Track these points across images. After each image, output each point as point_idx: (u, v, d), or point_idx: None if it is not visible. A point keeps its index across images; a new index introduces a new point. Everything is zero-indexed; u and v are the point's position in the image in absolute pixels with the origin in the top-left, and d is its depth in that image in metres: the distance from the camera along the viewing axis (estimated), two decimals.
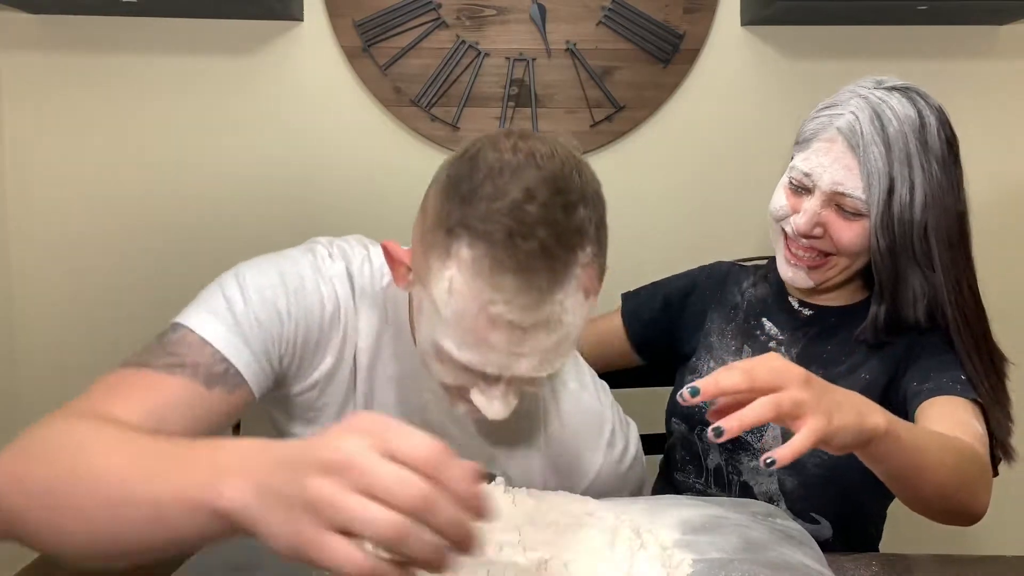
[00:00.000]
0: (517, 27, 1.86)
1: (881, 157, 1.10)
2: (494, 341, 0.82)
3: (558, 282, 0.82)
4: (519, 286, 0.80)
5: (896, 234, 1.11)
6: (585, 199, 0.86)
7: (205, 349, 0.90)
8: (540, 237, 0.80)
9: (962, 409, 1.08)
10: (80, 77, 1.87)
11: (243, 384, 0.92)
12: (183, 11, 1.83)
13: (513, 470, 1.03)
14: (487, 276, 0.80)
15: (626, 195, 1.92)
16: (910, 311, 1.16)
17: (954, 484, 0.96)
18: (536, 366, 0.85)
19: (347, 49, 1.86)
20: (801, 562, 0.88)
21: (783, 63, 1.88)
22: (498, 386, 0.87)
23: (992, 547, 1.90)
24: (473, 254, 0.81)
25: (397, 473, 0.57)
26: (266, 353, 0.93)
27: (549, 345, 0.84)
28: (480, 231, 0.80)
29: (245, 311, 0.92)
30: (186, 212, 1.89)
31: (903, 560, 1.10)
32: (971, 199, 1.81)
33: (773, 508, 1.03)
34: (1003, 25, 1.88)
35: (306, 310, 0.96)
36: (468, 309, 0.82)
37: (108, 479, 0.69)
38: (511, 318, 0.81)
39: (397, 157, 1.90)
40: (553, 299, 0.82)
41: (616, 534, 0.86)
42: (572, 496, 0.92)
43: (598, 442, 1.05)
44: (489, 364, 0.84)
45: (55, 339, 1.92)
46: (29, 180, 1.89)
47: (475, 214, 0.81)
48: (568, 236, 0.82)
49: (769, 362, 0.82)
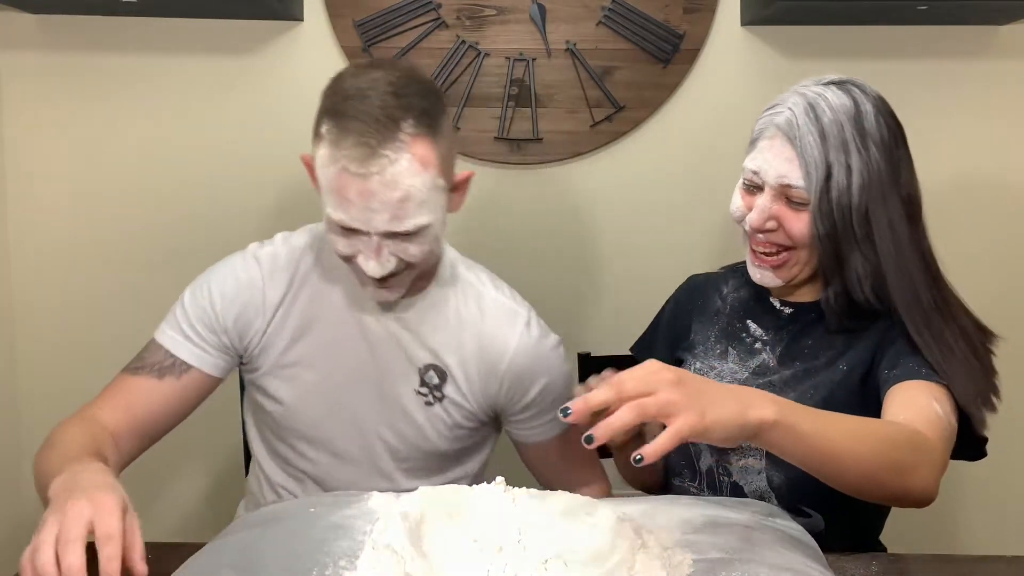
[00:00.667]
0: (517, 27, 1.86)
1: (816, 146, 1.14)
2: (350, 195, 1.11)
3: (385, 141, 1.10)
4: (354, 142, 1.10)
5: (836, 218, 1.15)
6: (415, 92, 1.14)
7: (159, 350, 1.27)
8: (369, 109, 1.10)
9: (924, 392, 1.10)
10: (80, 77, 1.87)
11: (190, 369, 1.27)
12: (183, 11, 1.83)
13: (447, 355, 1.28)
14: (336, 141, 1.11)
15: (626, 195, 1.92)
16: (858, 292, 1.19)
17: (876, 470, 0.97)
18: (389, 220, 1.12)
19: (347, 49, 1.86)
20: (801, 562, 0.88)
21: (783, 63, 1.88)
22: (372, 245, 1.14)
23: (992, 547, 1.90)
24: (327, 127, 1.13)
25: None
26: (210, 341, 1.27)
27: (394, 200, 1.11)
28: (332, 111, 1.13)
29: (184, 313, 1.28)
30: (186, 211, 1.89)
31: (903, 560, 1.11)
32: (972, 199, 1.82)
33: (773, 508, 1.04)
34: (1003, 25, 1.88)
35: (230, 298, 1.27)
36: (330, 171, 1.12)
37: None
38: (353, 169, 1.10)
39: None
40: (383, 154, 1.10)
41: (616, 534, 0.86)
42: (572, 496, 0.92)
43: (514, 325, 1.29)
44: (353, 219, 1.13)
45: (55, 338, 1.92)
46: (29, 180, 1.89)
47: (330, 104, 1.14)
48: (393, 109, 1.11)
49: (639, 371, 0.86)
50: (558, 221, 1.93)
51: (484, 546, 0.85)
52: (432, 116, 1.14)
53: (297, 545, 0.87)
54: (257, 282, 1.29)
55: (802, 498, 1.20)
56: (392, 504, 0.94)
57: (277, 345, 1.29)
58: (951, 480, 1.14)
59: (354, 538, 0.88)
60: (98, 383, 1.91)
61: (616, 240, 1.93)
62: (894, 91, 1.89)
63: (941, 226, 1.93)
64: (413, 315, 1.28)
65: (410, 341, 1.28)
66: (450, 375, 1.29)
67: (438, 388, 1.29)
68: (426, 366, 1.28)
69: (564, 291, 1.94)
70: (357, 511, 0.94)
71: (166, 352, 1.26)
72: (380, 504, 0.96)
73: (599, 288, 1.91)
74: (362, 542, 0.87)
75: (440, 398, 1.29)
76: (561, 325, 1.91)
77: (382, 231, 1.13)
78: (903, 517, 1.13)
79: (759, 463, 1.23)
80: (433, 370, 1.28)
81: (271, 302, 1.29)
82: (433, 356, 1.29)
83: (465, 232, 1.93)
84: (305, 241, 1.32)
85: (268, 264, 1.30)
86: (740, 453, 1.24)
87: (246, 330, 1.29)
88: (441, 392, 1.29)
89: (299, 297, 1.29)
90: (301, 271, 1.30)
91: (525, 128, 1.88)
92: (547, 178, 1.92)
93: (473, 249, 1.93)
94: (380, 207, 1.11)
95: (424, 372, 1.28)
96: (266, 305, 1.28)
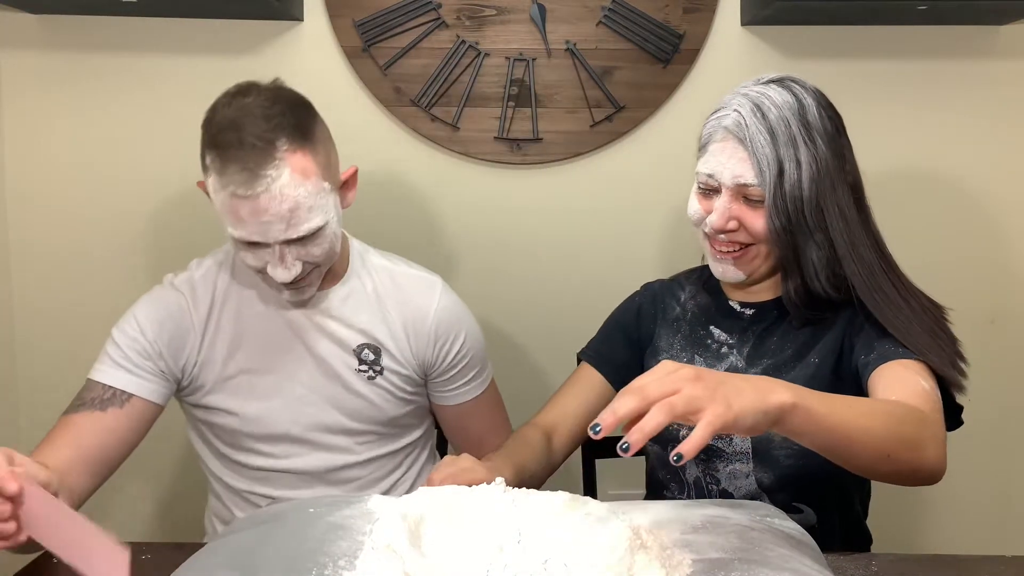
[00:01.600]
0: (517, 27, 1.86)
1: (767, 144, 1.18)
2: (243, 214, 1.20)
3: (263, 163, 1.19)
4: (236, 168, 1.19)
5: (790, 211, 1.19)
6: (283, 111, 1.23)
7: (96, 386, 1.29)
8: (244, 137, 1.19)
9: (906, 371, 1.13)
10: (80, 77, 1.87)
11: (131, 397, 1.29)
12: (183, 11, 1.83)
13: (376, 331, 1.38)
14: (220, 170, 1.20)
15: (626, 195, 1.92)
16: (816, 283, 1.22)
17: (891, 446, 0.98)
18: (285, 229, 1.22)
19: (347, 49, 1.86)
20: (801, 562, 0.88)
21: (783, 63, 1.87)
22: (275, 254, 1.24)
23: (992, 547, 1.91)
24: (211, 159, 1.22)
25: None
26: (145, 367, 1.31)
27: (284, 212, 1.21)
28: (212, 144, 1.22)
29: (116, 348, 1.31)
30: (186, 211, 1.89)
31: (903, 560, 1.11)
32: (972, 199, 1.82)
33: (773, 508, 1.04)
34: (1003, 25, 1.88)
35: (159, 323, 1.33)
36: (221, 195, 1.21)
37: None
38: (240, 192, 1.19)
39: (397, 157, 1.90)
40: (264, 175, 1.19)
41: (616, 534, 0.86)
42: (572, 496, 0.92)
43: (431, 289, 1.42)
44: (253, 234, 1.22)
45: (55, 338, 1.92)
46: (29, 179, 1.89)
47: (209, 137, 1.23)
48: (265, 132, 1.20)
49: (658, 372, 0.87)
50: (558, 221, 1.93)
51: (484, 546, 0.85)
52: (304, 129, 1.24)
53: (297, 545, 0.87)
54: (182, 304, 1.36)
55: (794, 495, 1.22)
56: (392, 504, 0.94)
57: (215, 360, 1.35)
58: (952, 480, 1.14)
59: (353, 538, 0.88)
60: None
61: (616, 240, 1.93)
62: (894, 91, 1.91)
63: (942, 226, 1.94)
64: (336, 303, 1.38)
65: (338, 327, 1.37)
66: (383, 348, 1.39)
67: (376, 362, 1.38)
68: (360, 346, 1.38)
69: (563, 291, 1.94)
70: (356, 511, 0.94)
71: (104, 386, 1.29)
72: (379, 504, 0.96)
73: (599, 288, 1.91)
74: (361, 542, 0.87)
75: (380, 371, 1.39)
76: (560, 324, 1.92)
77: (281, 240, 1.23)
78: (903, 517, 1.13)
79: (747, 467, 1.24)
80: (367, 348, 1.38)
81: (199, 320, 1.36)
82: (363, 335, 1.38)
83: (465, 232, 1.93)
84: (217, 260, 1.41)
85: (187, 288, 1.37)
86: (727, 459, 1.25)
87: (180, 351, 1.34)
88: (380, 365, 1.39)
89: (225, 311, 1.37)
90: (220, 288, 1.38)
91: (525, 128, 1.88)
92: (547, 178, 1.92)
93: (473, 249, 1.94)
94: (273, 219, 1.21)
95: (359, 351, 1.38)
96: (195, 324, 1.35)
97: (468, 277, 1.88)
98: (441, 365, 1.42)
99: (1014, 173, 1.92)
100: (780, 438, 1.21)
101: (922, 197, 1.92)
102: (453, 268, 1.90)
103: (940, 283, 1.88)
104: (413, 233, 1.91)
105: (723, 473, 1.26)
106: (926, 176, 1.92)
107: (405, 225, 1.91)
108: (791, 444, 1.20)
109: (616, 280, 1.93)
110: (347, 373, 1.38)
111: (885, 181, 1.90)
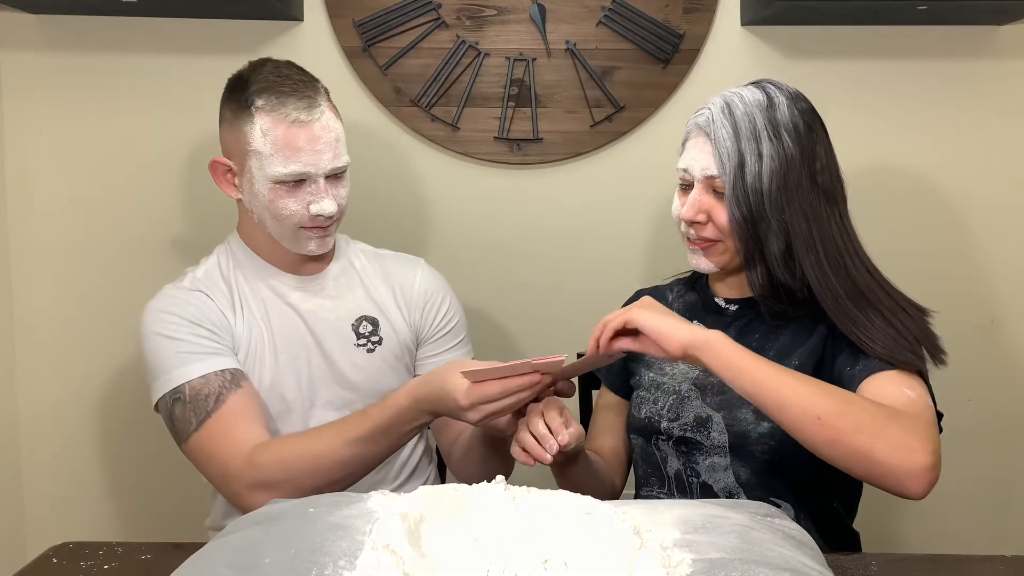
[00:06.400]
0: (517, 27, 1.86)
1: (729, 137, 1.24)
2: (301, 142, 1.32)
3: (316, 94, 1.36)
4: (296, 99, 1.34)
5: (751, 202, 1.23)
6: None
7: (200, 385, 1.30)
8: (291, 75, 1.36)
9: (890, 382, 1.16)
10: (80, 77, 1.87)
11: (240, 370, 1.35)
12: (183, 11, 1.83)
13: (368, 304, 1.47)
14: (276, 106, 1.33)
15: (626, 195, 1.92)
16: (779, 272, 1.25)
17: (821, 409, 1.06)
18: (332, 159, 1.35)
19: (347, 49, 1.86)
20: (801, 562, 0.88)
21: (783, 63, 1.87)
22: (320, 188, 1.35)
23: (992, 547, 1.90)
24: (264, 100, 1.33)
25: None
26: (219, 348, 1.35)
27: (332, 140, 1.36)
28: (261, 88, 1.34)
29: (184, 343, 1.32)
30: (186, 211, 1.89)
31: (903, 560, 1.11)
32: (971, 199, 1.82)
33: (773, 508, 1.03)
34: (1003, 25, 1.88)
35: (196, 307, 1.37)
36: (278, 132, 1.32)
37: None
38: (302, 118, 1.33)
39: (397, 157, 1.90)
40: (319, 104, 1.36)
41: (616, 534, 0.86)
42: (572, 495, 0.92)
43: (414, 263, 1.55)
44: (307, 164, 1.33)
45: (55, 338, 1.92)
46: (29, 180, 1.89)
47: (254, 86, 1.34)
48: (303, 75, 1.39)
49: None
50: (558, 221, 1.93)
51: (484, 546, 0.85)
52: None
53: (296, 545, 0.87)
54: (202, 297, 1.40)
55: (772, 490, 1.24)
56: (391, 504, 0.94)
57: (241, 338, 1.41)
58: (950, 480, 1.14)
59: (353, 538, 0.88)
60: (97, 382, 1.93)
61: (615, 240, 1.93)
62: (894, 91, 1.91)
63: (941, 226, 1.94)
64: (329, 285, 1.47)
65: (334, 308, 1.45)
66: (379, 318, 1.47)
67: (374, 333, 1.46)
68: (358, 319, 1.46)
69: (564, 291, 1.94)
70: (356, 511, 0.94)
71: (216, 374, 1.32)
72: (379, 504, 0.96)
73: (598, 288, 1.91)
74: (361, 542, 0.87)
75: (378, 341, 1.46)
76: (560, 324, 1.92)
77: (327, 169, 1.35)
78: (903, 517, 1.13)
79: (724, 460, 1.26)
80: (365, 320, 1.46)
81: (224, 305, 1.41)
82: (360, 309, 1.47)
83: (465, 232, 1.93)
84: (214, 259, 1.46)
85: (203, 283, 1.42)
86: (705, 452, 1.28)
87: (224, 331, 1.39)
88: (378, 335, 1.46)
89: (235, 295, 1.42)
90: (227, 277, 1.44)
91: (525, 128, 1.88)
92: (547, 178, 1.92)
93: (472, 249, 1.94)
94: (324, 147, 1.34)
95: (358, 325, 1.46)
96: (223, 310, 1.40)
97: (468, 277, 1.88)
98: (431, 326, 1.52)
99: (1014, 173, 1.92)
100: (756, 434, 1.23)
101: (921, 197, 1.92)
102: (453, 268, 1.90)
103: (939, 283, 1.89)
104: (412, 233, 1.91)
105: (702, 466, 1.28)
106: (925, 176, 1.92)
107: (404, 225, 1.91)
108: (768, 440, 1.23)
109: (615, 279, 1.93)
110: (348, 349, 1.44)
111: (884, 181, 1.90)
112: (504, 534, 0.85)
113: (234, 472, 1.25)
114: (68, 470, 1.94)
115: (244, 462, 1.24)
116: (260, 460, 1.24)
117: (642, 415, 1.35)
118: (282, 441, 1.29)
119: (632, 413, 1.38)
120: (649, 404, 1.34)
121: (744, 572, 0.84)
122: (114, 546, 1.13)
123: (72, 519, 1.93)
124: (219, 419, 1.28)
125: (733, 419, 1.26)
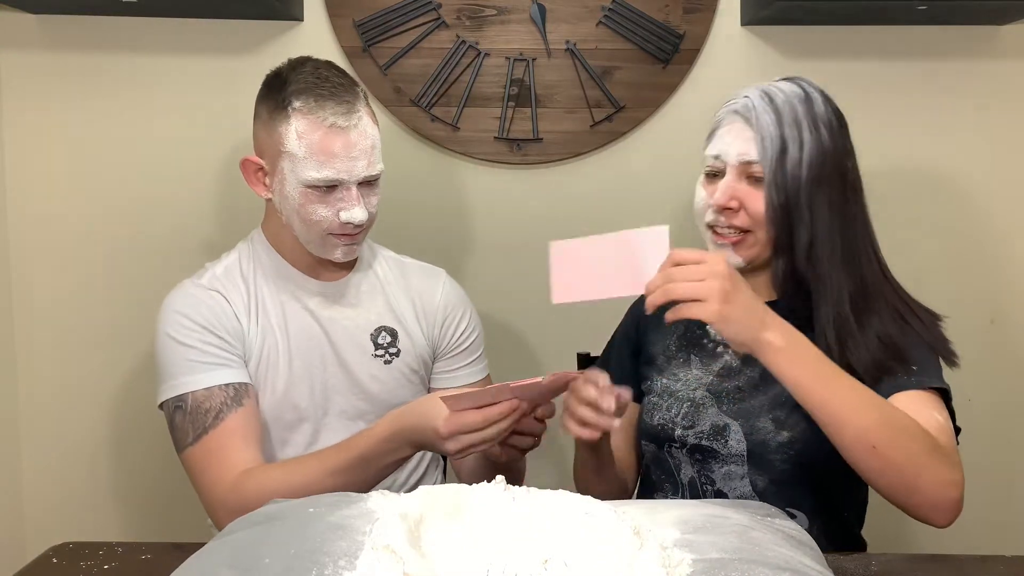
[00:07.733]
0: (517, 27, 1.86)
1: (772, 123, 1.22)
2: (336, 148, 1.29)
3: (355, 99, 1.33)
4: (335, 103, 1.30)
5: (789, 190, 1.22)
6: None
7: (212, 392, 1.30)
8: (331, 78, 1.33)
9: (917, 402, 1.13)
10: (80, 77, 1.87)
11: (246, 384, 1.33)
12: (183, 11, 1.83)
13: (388, 315, 1.45)
14: (315, 109, 1.30)
15: (626, 195, 1.92)
16: (802, 264, 1.24)
17: (876, 437, 1.03)
18: (367, 166, 1.32)
19: (347, 49, 1.86)
20: (801, 562, 0.88)
21: (783, 63, 1.87)
22: (352, 195, 1.32)
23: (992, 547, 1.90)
24: (302, 102, 1.30)
25: None
26: (229, 358, 1.33)
27: (368, 147, 1.32)
28: (300, 89, 1.31)
29: (194, 351, 1.31)
30: (186, 210, 1.89)
31: (903, 560, 1.11)
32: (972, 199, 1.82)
33: (773, 508, 1.03)
34: (1003, 25, 1.88)
35: (209, 309, 1.35)
36: (315, 136, 1.29)
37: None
38: (339, 123, 1.30)
39: (397, 157, 1.90)
40: (357, 109, 1.32)
41: (616, 534, 0.86)
42: (572, 495, 0.92)
43: (436, 275, 1.52)
44: (340, 171, 1.30)
45: (55, 337, 1.92)
46: (29, 180, 1.89)
47: (292, 86, 1.31)
48: (343, 79, 1.35)
49: (698, 259, 1.09)
50: (558, 221, 1.93)
51: (484, 546, 0.85)
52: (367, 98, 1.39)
53: (296, 545, 0.87)
54: (218, 298, 1.38)
55: (788, 500, 1.22)
56: (391, 504, 0.94)
57: (254, 345, 1.38)
58: None
59: (353, 538, 0.88)
60: (97, 382, 1.92)
61: None
62: (894, 91, 1.91)
63: (941, 226, 1.94)
64: (351, 293, 1.44)
65: (354, 316, 1.43)
66: (398, 330, 1.45)
67: (392, 344, 1.44)
68: (377, 329, 1.44)
69: None
70: (356, 511, 0.94)
71: (219, 388, 1.31)
72: (379, 504, 0.96)
73: None
74: (361, 542, 0.87)
75: (396, 353, 1.44)
76: (560, 325, 1.92)
77: (361, 177, 1.32)
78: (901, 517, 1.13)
79: (741, 468, 1.24)
80: (384, 330, 1.44)
81: (240, 309, 1.38)
82: (378, 319, 1.44)
83: (465, 232, 1.93)
84: (234, 258, 1.44)
85: (221, 282, 1.39)
86: (722, 460, 1.26)
87: (238, 338, 1.37)
88: (396, 347, 1.44)
89: (253, 299, 1.40)
90: (247, 277, 1.41)
91: (525, 128, 1.88)
92: (547, 178, 1.92)
93: (473, 249, 1.94)
94: (360, 154, 1.31)
95: (376, 336, 1.43)
96: (238, 313, 1.38)
97: (468, 277, 1.88)
98: (449, 342, 1.49)
99: (1014, 173, 1.92)
100: (776, 443, 1.22)
101: (922, 197, 1.92)
102: (453, 268, 1.89)
103: (940, 283, 1.89)
104: (413, 233, 1.91)
105: (718, 474, 1.26)
106: (926, 176, 1.92)
107: (405, 225, 1.91)
108: (786, 449, 1.21)
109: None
110: (365, 359, 1.42)
111: (885, 181, 1.90)
112: (504, 534, 0.85)
113: (218, 497, 1.26)
114: (68, 470, 1.94)
115: (229, 488, 1.25)
116: (244, 488, 1.24)
117: (655, 422, 1.32)
118: (267, 470, 1.27)
119: (643, 419, 1.36)
120: (662, 411, 1.32)
121: (744, 572, 0.84)
122: (114, 546, 1.13)
123: (72, 519, 1.93)
124: (214, 437, 1.28)
125: (752, 428, 1.24)
